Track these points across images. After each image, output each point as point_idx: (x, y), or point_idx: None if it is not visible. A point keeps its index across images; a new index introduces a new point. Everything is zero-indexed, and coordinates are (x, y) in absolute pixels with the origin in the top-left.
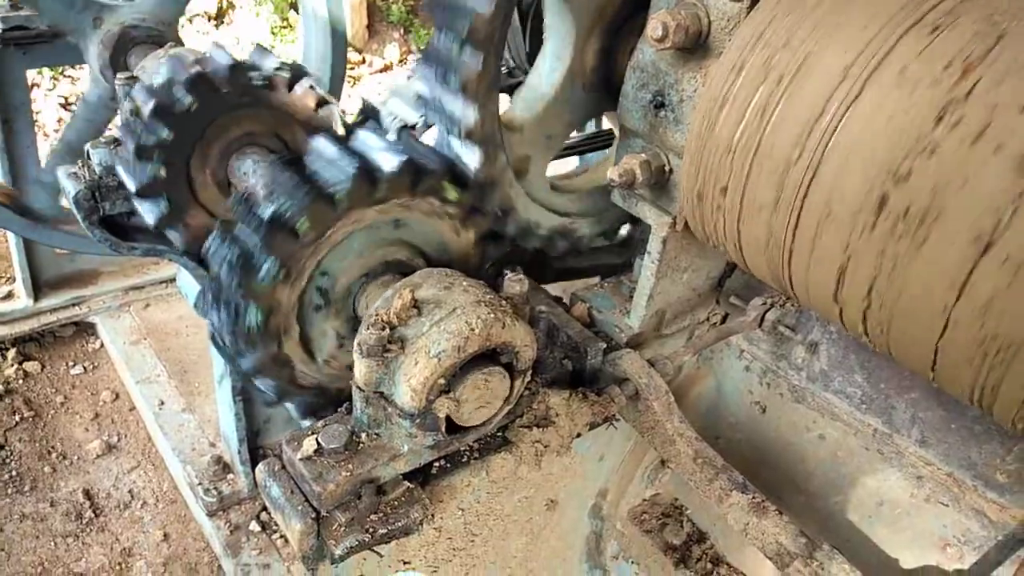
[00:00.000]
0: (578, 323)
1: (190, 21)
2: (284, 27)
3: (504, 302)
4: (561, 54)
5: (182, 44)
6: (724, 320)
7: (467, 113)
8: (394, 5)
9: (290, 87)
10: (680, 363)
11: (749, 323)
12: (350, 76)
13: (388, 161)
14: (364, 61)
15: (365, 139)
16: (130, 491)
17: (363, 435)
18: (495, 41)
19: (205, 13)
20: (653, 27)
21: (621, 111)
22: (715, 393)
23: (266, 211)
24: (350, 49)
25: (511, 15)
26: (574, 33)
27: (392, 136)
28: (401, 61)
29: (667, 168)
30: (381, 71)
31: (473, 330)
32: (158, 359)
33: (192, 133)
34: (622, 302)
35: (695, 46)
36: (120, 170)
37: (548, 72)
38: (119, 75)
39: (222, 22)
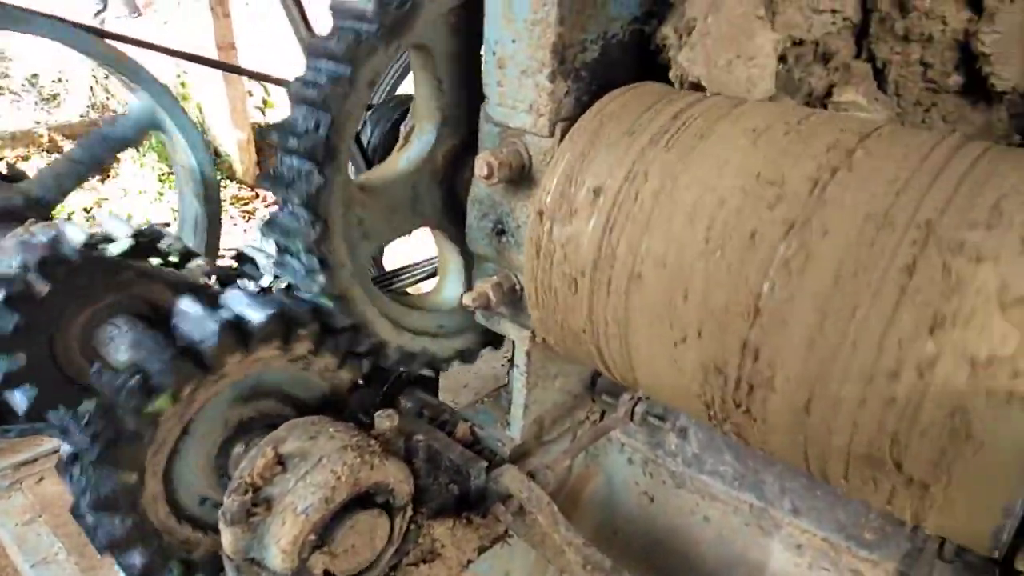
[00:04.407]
0: (459, 444)
1: None
2: (172, 174)
3: (373, 442)
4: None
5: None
6: (603, 417)
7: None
8: None
9: (148, 251)
10: (561, 469)
11: (621, 418)
12: (244, 211)
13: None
14: (257, 196)
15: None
16: None
17: None
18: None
19: None
20: (479, 166)
21: (469, 239)
22: (607, 489)
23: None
24: (243, 186)
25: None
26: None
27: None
28: None
29: (518, 287)
30: (274, 204)
31: (340, 478)
32: (55, 536)
33: (51, 314)
34: (502, 415)
35: (521, 178)
36: None
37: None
38: None
39: (108, 176)
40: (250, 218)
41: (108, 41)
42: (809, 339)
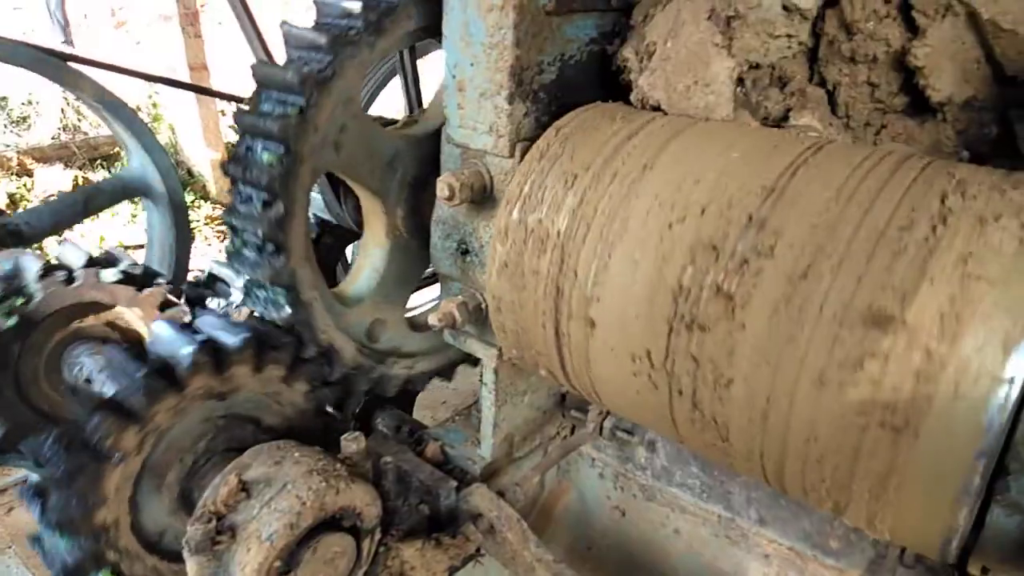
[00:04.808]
0: (428, 465)
1: None
2: None
3: (339, 465)
4: (376, 228)
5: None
6: (573, 432)
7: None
8: None
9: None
10: (531, 486)
11: (590, 433)
12: (219, 231)
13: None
14: None
15: (160, 332)
16: None
17: None
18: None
19: (60, 192)
20: (440, 188)
21: (433, 260)
22: (580, 504)
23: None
24: (217, 206)
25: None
26: (382, 209)
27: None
28: None
29: (483, 306)
30: None
31: (304, 503)
32: (26, 567)
33: (9, 348)
34: (473, 434)
35: (482, 199)
36: None
37: (370, 245)
38: None
39: None
40: (224, 238)
41: (74, 65)
42: (824, 206)
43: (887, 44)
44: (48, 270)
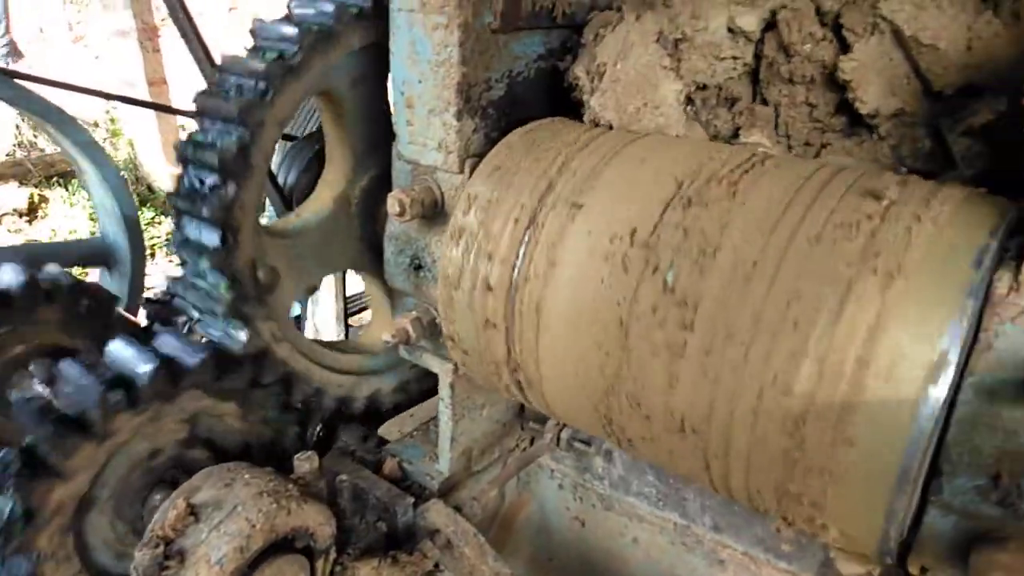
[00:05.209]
0: (385, 482)
1: None
2: None
3: (291, 486)
4: (334, 180)
5: None
6: (532, 444)
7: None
8: None
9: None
10: (488, 500)
11: (547, 445)
12: None
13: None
14: None
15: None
16: None
17: None
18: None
19: (15, 210)
20: (391, 204)
21: (388, 275)
22: (540, 515)
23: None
24: None
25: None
26: (349, 173)
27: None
28: None
29: (437, 320)
30: None
31: (254, 526)
32: None
33: None
34: (431, 448)
35: (434, 214)
36: None
37: (309, 208)
38: None
39: (36, 217)
40: None
41: (20, 82)
42: (816, 163)
43: (823, 66)
44: None
